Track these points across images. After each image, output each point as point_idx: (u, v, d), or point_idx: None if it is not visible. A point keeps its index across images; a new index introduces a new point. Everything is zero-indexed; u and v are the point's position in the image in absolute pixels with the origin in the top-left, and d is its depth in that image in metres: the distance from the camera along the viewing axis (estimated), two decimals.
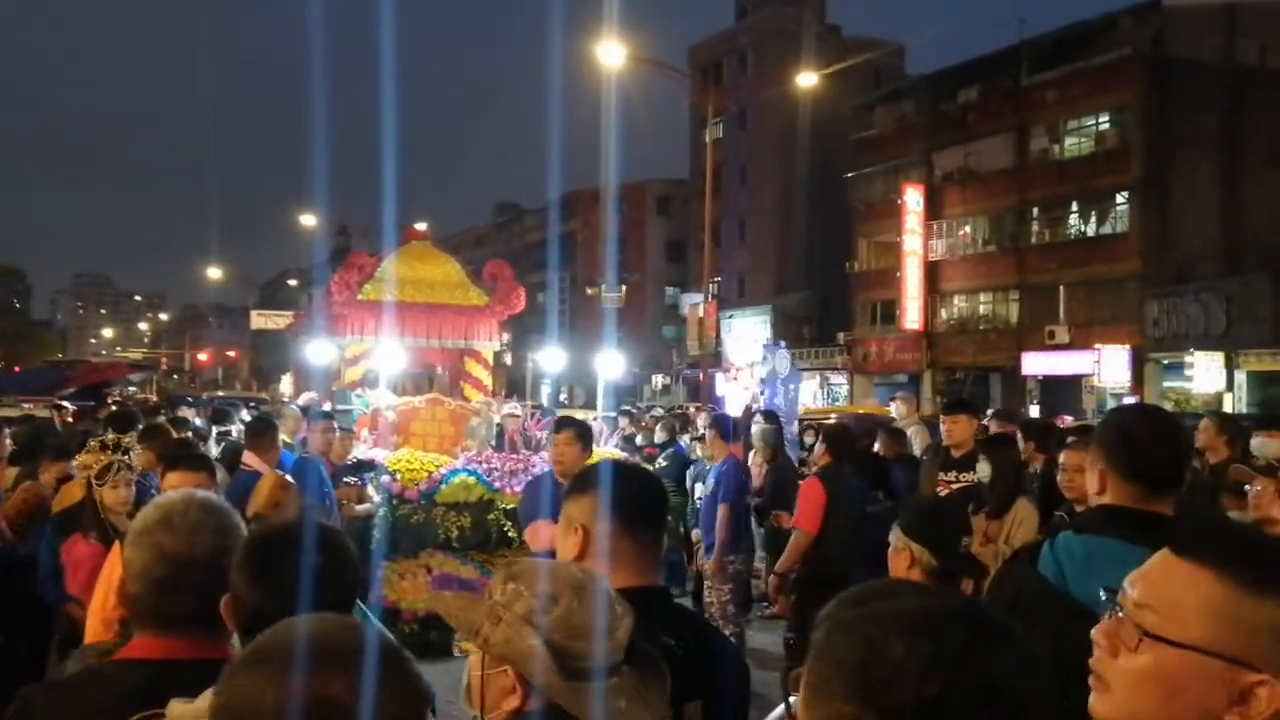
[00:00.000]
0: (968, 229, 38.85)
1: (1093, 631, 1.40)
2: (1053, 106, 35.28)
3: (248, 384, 67.11)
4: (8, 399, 20.91)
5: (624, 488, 2.36)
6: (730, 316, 47.91)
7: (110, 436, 5.11)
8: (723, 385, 43.29)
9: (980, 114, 37.84)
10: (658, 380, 54.31)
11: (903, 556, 3.65)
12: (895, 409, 10.29)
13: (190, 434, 8.99)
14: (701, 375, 37.74)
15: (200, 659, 1.99)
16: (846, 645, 1.10)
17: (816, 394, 42.52)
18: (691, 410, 22.16)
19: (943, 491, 6.94)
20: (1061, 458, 5.53)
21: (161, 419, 10.92)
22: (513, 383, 44.70)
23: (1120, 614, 1.37)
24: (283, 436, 8.40)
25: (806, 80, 34.87)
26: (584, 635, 1.73)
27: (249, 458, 7.17)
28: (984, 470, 6.42)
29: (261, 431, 7.56)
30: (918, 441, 9.23)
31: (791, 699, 1.34)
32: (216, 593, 2.04)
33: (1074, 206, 35.13)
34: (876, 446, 8.81)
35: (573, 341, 49.06)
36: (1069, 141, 35.48)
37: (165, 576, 2.10)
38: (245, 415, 13.83)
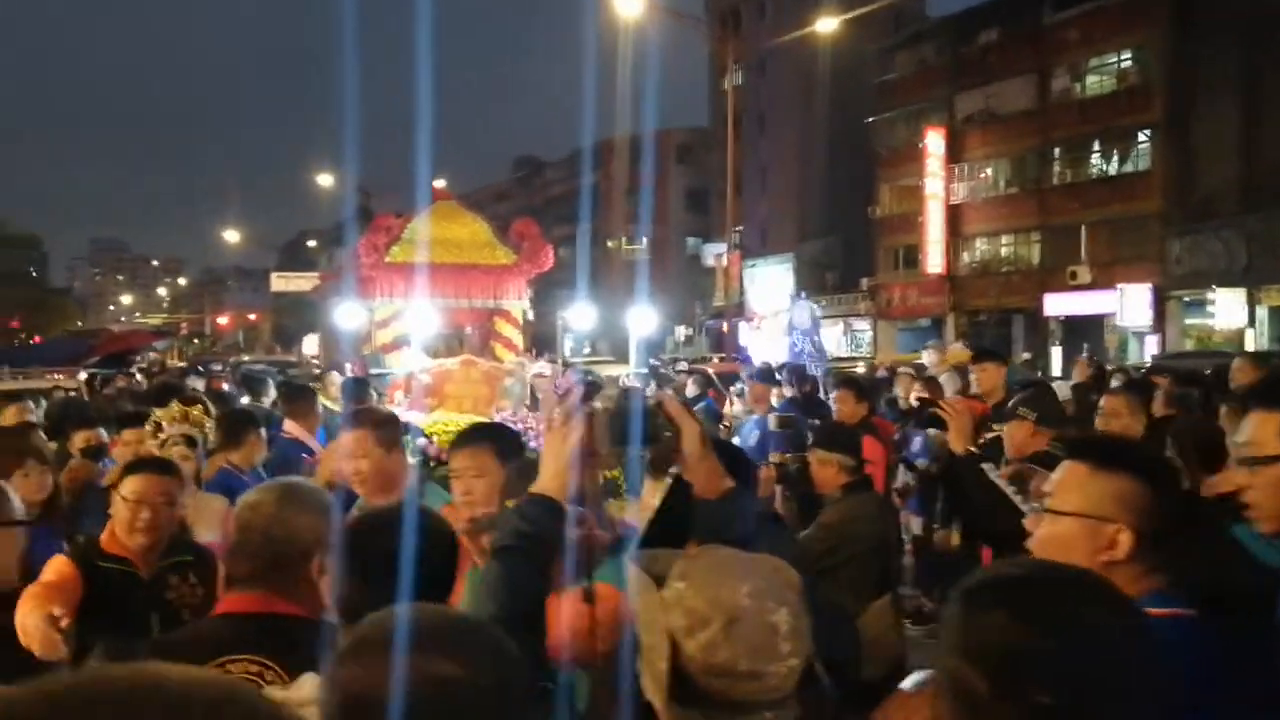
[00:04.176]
0: (989, 171, 38.70)
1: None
2: (1074, 46, 34.99)
3: (270, 347, 67.09)
4: (33, 371, 21.10)
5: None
6: (753, 265, 47.92)
7: (176, 409, 5.31)
8: (746, 335, 43.62)
9: (1001, 55, 37.58)
10: (680, 332, 54.42)
11: (829, 467, 4.78)
12: (927, 357, 10.38)
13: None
14: (725, 325, 37.92)
15: (270, 612, 2.35)
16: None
17: (840, 341, 42.66)
18: (714, 361, 22.19)
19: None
20: (1102, 402, 5.70)
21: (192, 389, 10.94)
22: (537, 339, 44.80)
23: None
24: (325, 402, 8.36)
25: (826, 25, 34.69)
26: (720, 674, 1.54)
27: (289, 426, 7.03)
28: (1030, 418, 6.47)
29: (298, 397, 7.45)
30: (949, 389, 9.36)
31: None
32: (274, 557, 2.38)
33: (1096, 146, 34.95)
34: (901, 392, 8.87)
35: (595, 295, 49.08)
36: (1090, 80, 35.24)
37: (234, 544, 2.49)
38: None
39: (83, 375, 19.31)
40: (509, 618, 1.80)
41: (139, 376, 18.85)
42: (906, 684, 1.66)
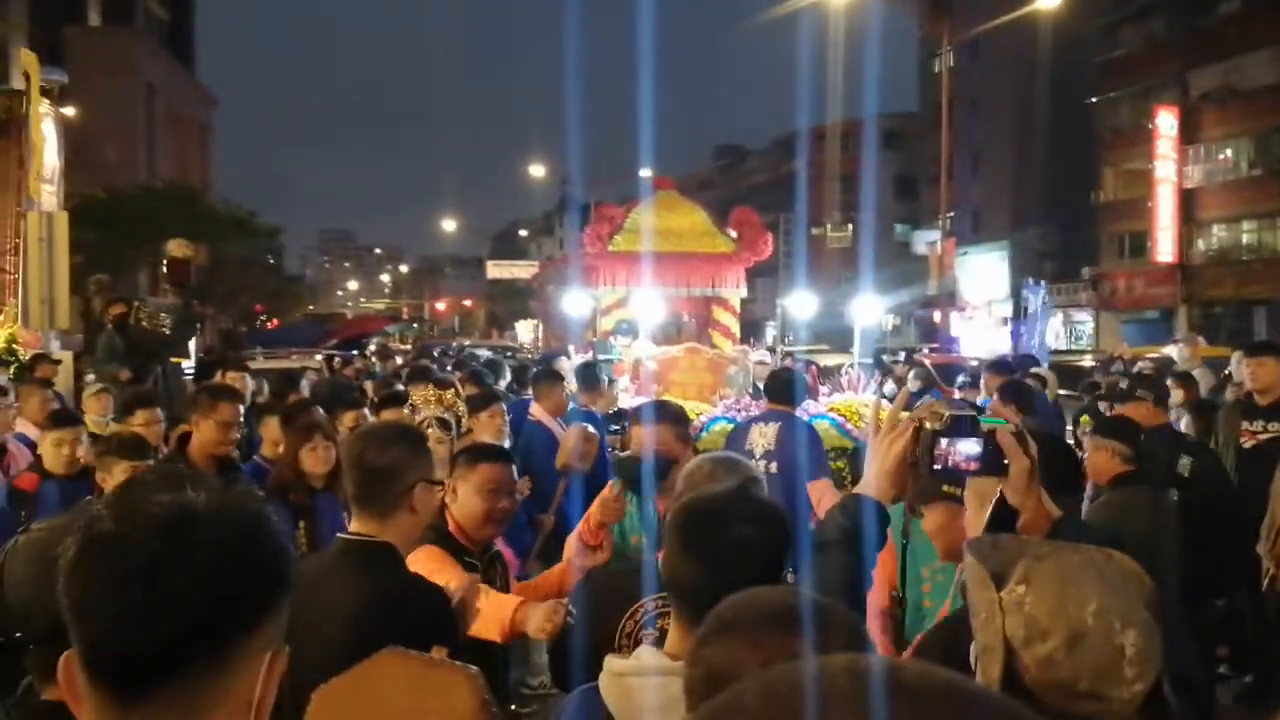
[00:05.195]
0: (1228, 152, 36.36)
1: None
2: None
3: (485, 332, 69.42)
4: (280, 351, 22.53)
5: None
6: (965, 253, 46.42)
7: (431, 391, 5.52)
8: (958, 325, 42.28)
9: (1243, 27, 35.13)
10: (888, 321, 53.25)
11: (1103, 453, 4.85)
12: (1178, 351, 9.71)
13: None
14: (937, 315, 36.83)
15: None
16: None
17: (1059, 333, 40.89)
18: (925, 352, 21.41)
19: (1248, 442, 6.32)
20: None
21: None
22: (744, 327, 44.56)
23: None
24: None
25: (1046, 2, 33.19)
26: (1057, 690, 1.48)
27: (536, 410, 7.38)
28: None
29: (549, 384, 7.76)
30: (1203, 385, 8.69)
31: None
32: None
33: None
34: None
35: (800, 283, 48.41)
36: None
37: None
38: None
39: (318, 357, 20.45)
40: None
41: (373, 359, 19.88)
42: None
